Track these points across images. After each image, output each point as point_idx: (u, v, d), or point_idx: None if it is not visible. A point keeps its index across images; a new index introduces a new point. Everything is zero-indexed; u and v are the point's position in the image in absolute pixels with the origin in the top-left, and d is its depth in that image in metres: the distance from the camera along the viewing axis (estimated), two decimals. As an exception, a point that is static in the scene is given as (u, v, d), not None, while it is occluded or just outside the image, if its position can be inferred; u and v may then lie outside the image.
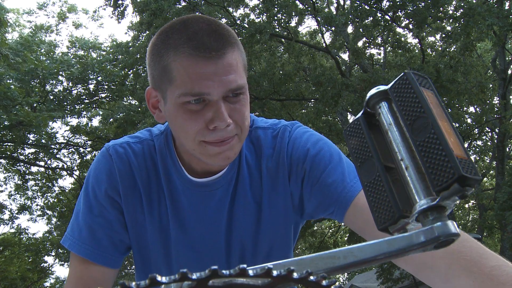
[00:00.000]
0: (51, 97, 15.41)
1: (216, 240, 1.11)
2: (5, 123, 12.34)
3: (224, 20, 14.51)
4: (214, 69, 0.90)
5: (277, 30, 13.28)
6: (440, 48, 14.90)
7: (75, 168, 17.17)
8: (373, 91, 0.53)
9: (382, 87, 0.53)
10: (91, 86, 16.22)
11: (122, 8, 14.49)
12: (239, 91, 0.94)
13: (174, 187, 1.10)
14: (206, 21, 0.94)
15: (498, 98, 14.39)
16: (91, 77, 15.41)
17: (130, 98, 16.18)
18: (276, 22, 13.21)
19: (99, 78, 15.33)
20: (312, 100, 14.67)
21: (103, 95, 16.61)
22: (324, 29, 13.45)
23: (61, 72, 14.74)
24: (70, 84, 15.83)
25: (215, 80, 0.90)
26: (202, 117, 0.93)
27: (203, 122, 0.93)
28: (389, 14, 12.08)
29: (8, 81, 12.05)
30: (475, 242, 0.83)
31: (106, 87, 16.26)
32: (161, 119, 1.03)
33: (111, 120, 17.04)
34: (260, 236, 1.12)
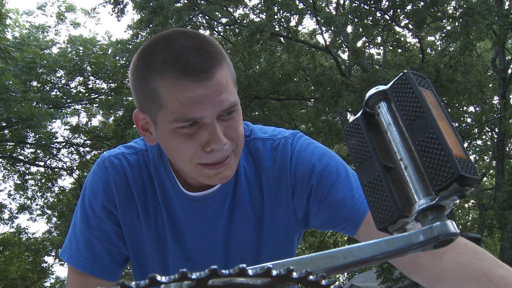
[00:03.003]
0: (51, 95, 15.36)
1: (212, 252, 1.10)
2: (4, 115, 12.27)
3: (224, 20, 14.53)
4: (205, 91, 0.86)
5: (277, 29, 13.29)
6: (439, 48, 14.90)
7: (75, 168, 17.16)
8: (372, 91, 0.53)
9: (381, 87, 0.53)
10: (90, 84, 16.18)
11: (122, 6, 14.47)
12: (231, 109, 0.91)
13: (169, 198, 1.08)
14: (189, 37, 0.89)
15: (498, 98, 14.39)
16: (87, 68, 15.30)
17: (129, 97, 16.16)
18: (276, 21, 13.20)
19: (95, 69, 15.17)
20: (312, 100, 14.67)
21: (102, 93, 16.55)
22: (324, 29, 13.46)
23: (58, 64, 14.64)
24: (68, 78, 15.75)
25: (207, 103, 0.87)
26: (197, 140, 0.90)
27: (199, 144, 0.90)
28: (388, 13, 12.08)
29: (7, 72, 11.96)
30: (486, 254, 0.83)
31: (104, 83, 16.21)
32: (152, 142, 1.01)
33: (110, 119, 17.02)
34: (262, 250, 1.10)
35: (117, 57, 15.94)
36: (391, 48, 14.17)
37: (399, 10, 11.94)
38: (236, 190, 1.08)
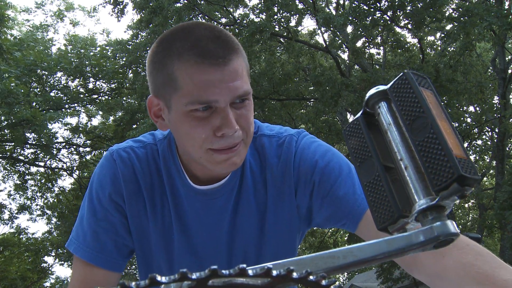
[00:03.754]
0: (52, 95, 15.34)
1: (217, 247, 1.11)
2: (10, 120, 12.26)
3: (223, 20, 14.52)
4: (221, 76, 0.89)
5: (277, 29, 13.29)
6: (439, 48, 14.90)
7: (75, 168, 17.14)
8: (372, 91, 0.53)
9: (382, 87, 0.53)
10: (90, 85, 16.18)
11: (121, 6, 14.47)
12: (245, 97, 0.93)
13: (177, 192, 1.10)
14: (207, 27, 0.93)
15: (497, 98, 14.39)
16: (88, 70, 15.30)
17: (129, 97, 16.13)
18: (276, 22, 13.21)
19: (96, 70, 15.17)
20: (312, 100, 14.67)
21: (102, 92, 16.54)
22: (323, 29, 13.46)
23: (58, 67, 14.63)
24: (69, 79, 15.75)
25: (222, 87, 0.89)
26: (210, 124, 0.92)
27: (211, 129, 0.92)
28: (388, 14, 12.08)
29: (10, 76, 11.95)
30: (489, 255, 0.83)
31: (104, 84, 16.21)
32: (164, 128, 1.03)
33: (111, 119, 17.02)
34: (264, 246, 1.11)
35: (117, 56, 15.94)
36: (391, 48, 14.17)
37: (398, 11, 11.94)
38: (241, 185, 1.09)
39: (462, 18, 10.92)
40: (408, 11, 11.79)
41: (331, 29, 12.97)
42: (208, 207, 1.09)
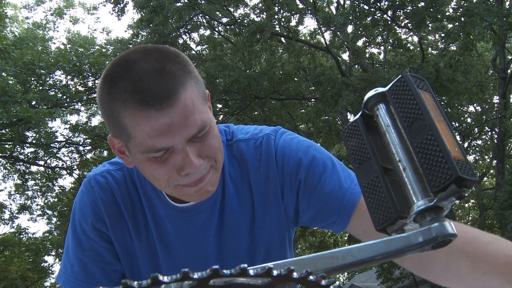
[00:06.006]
0: (50, 93, 15.29)
1: (205, 264, 1.08)
2: (4, 120, 12.24)
3: (224, 19, 14.51)
4: (169, 119, 0.82)
5: (277, 29, 13.28)
6: (440, 47, 14.89)
7: (75, 167, 17.11)
8: (371, 93, 0.54)
9: (380, 89, 0.53)
10: (90, 83, 16.14)
11: (122, 5, 14.46)
12: (202, 131, 0.87)
13: (157, 212, 1.07)
14: (150, 57, 0.85)
15: (498, 97, 14.38)
16: (86, 68, 15.24)
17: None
18: (277, 21, 13.20)
19: (95, 69, 15.09)
20: (312, 100, 14.66)
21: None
22: (324, 28, 13.46)
23: (57, 65, 14.57)
24: (68, 78, 15.70)
25: (174, 131, 0.83)
26: (171, 165, 0.88)
27: (173, 168, 0.88)
28: (388, 13, 12.07)
29: (5, 76, 11.93)
30: (470, 228, 0.87)
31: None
32: (130, 164, 0.99)
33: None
34: (256, 251, 1.09)
35: (118, 55, 15.86)
36: (391, 48, 14.15)
37: (398, 11, 11.93)
38: (224, 197, 1.06)
39: (462, 18, 10.90)
40: (408, 10, 11.78)
41: (332, 29, 12.96)
42: (191, 224, 1.06)
